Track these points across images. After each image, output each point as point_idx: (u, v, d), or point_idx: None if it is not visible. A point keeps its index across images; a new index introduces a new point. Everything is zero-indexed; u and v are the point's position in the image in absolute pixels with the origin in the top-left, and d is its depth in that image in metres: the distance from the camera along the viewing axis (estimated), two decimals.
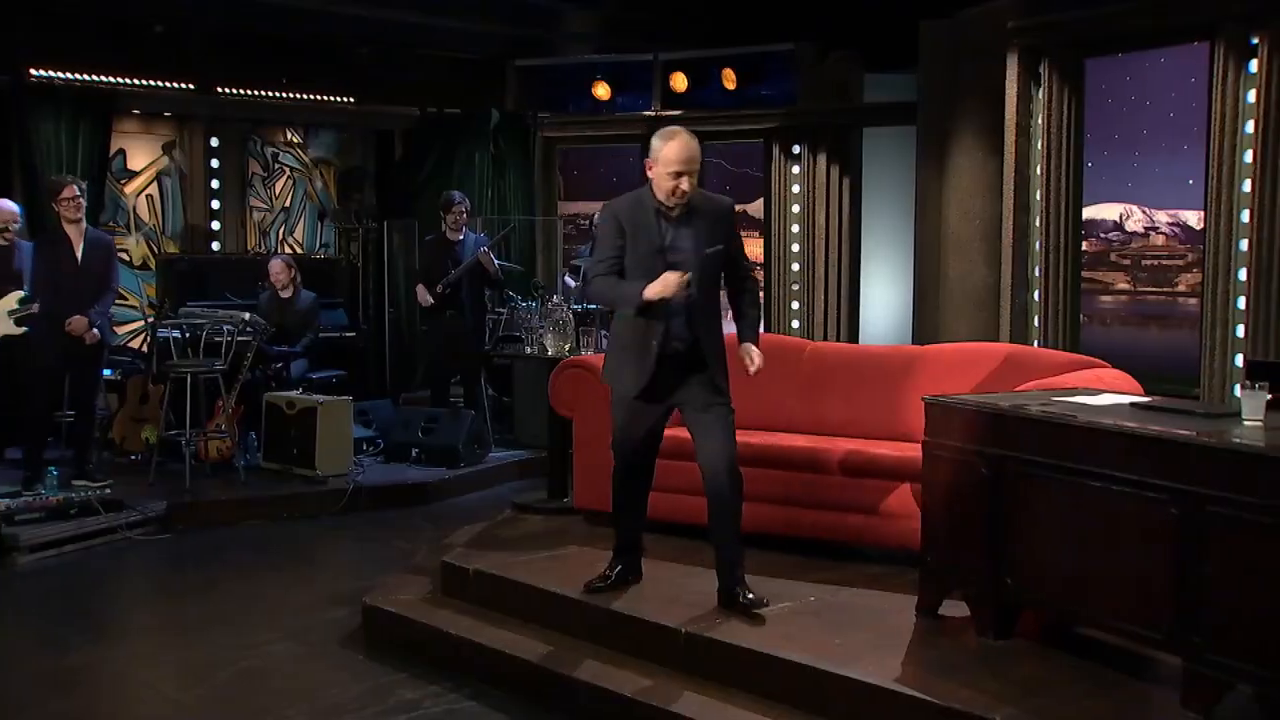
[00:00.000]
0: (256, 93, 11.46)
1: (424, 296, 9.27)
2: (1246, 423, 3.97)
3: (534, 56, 11.97)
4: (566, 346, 7.10)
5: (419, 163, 11.95)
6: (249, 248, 11.49)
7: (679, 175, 4.75)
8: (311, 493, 8.24)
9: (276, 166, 11.94)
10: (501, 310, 10.14)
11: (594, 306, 9.95)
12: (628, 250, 4.83)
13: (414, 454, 9.01)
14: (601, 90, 11.54)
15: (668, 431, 6.22)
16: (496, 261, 9.46)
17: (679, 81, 11.26)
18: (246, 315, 8.65)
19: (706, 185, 11.63)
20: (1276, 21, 7.10)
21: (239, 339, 8.49)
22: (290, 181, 12.03)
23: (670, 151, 4.75)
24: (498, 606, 5.40)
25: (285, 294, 9.30)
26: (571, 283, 10.83)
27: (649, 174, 4.82)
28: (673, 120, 11.21)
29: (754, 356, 4.95)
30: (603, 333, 9.92)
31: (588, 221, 11.25)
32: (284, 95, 11.60)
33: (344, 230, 11.99)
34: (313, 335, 9.36)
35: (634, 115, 11.50)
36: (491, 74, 12.02)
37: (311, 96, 11.73)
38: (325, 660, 5.40)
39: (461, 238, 9.39)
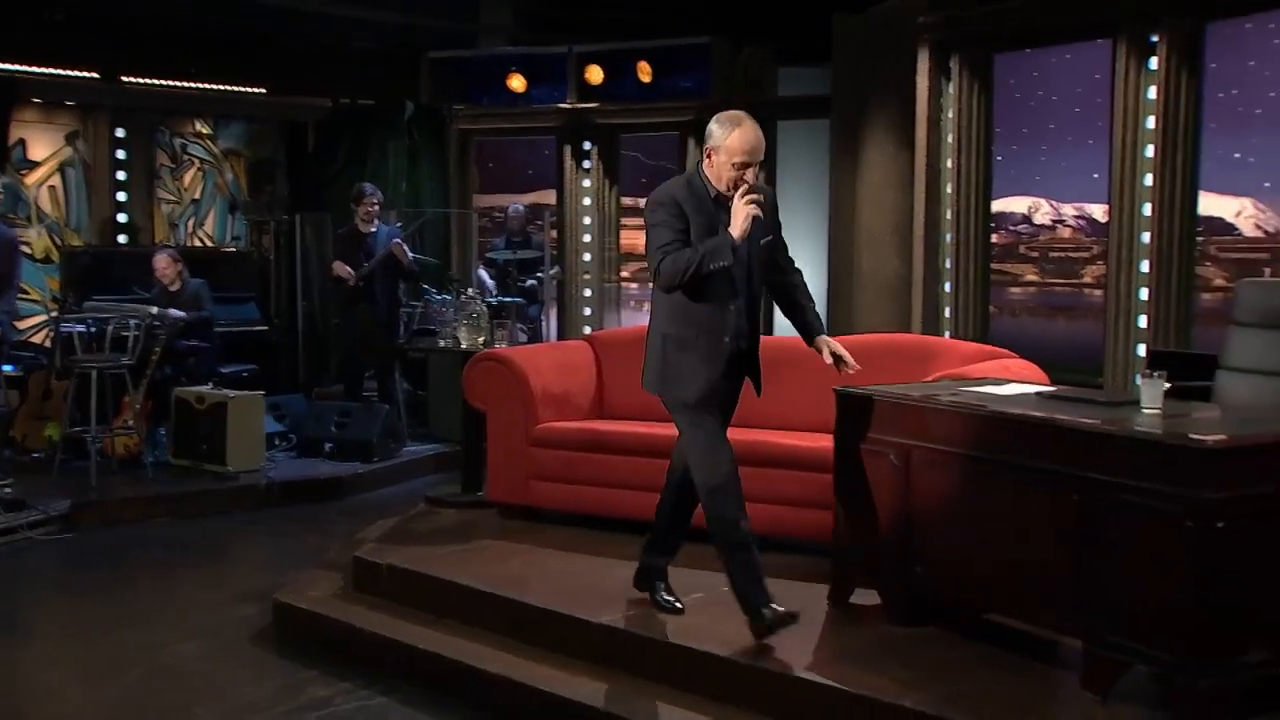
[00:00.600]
0: (164, 82, 11.25)
1: (341, 269, 9.15)
2: (1145, 411, 4.06)
3: (449, 48, 11.89)
4: (481, 339, 7.08)
5: (332, 154, 11.82)
6: (157, 240, 11.28)
7: (744, 166, 4.35)
8: (222, 489, 8.13)
9: (185, 158, 11.74)
10: (416, 303, 10.07)
11: (509, 299, 9.96)
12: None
13: (327, 448, 8.92)
14: (517, 82, 11.50)
15: (591, 425, 6.27)
16: (410, 254, 9.39)
17: (594, 74, 11.26)
18: (154, 309, 8.50)
19: (623, 180, 11.77)
20: (1175, 20, 7.28)
21: (147, 333, 8.33)
22: (200, 173, 11.84)
23: (736, 141, 4.33)
24: (411, 602, 5.37)
25: (173, 288, 9.12)
26: (486, 275, 10.80)
27: (707, 160, 4.42)
28: (588, 112, 11.30)
29: (838, 349, 4.65)
30: (519, 326, 9.94)
31: (503, 214, 11.21)
32: (193, 85, 11.40)
33: (255, 223, 11.82)
34: (207, 312, 9.13)
35: (549, 107, 11.48)
36: (406, 66, 11.92)
37: (221, 87, 11.55)
38: (235, 659, 5.33)
39: (374, 230, 9.30)
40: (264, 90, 11.69)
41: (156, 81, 11.20)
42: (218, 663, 5.27)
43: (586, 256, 11.65)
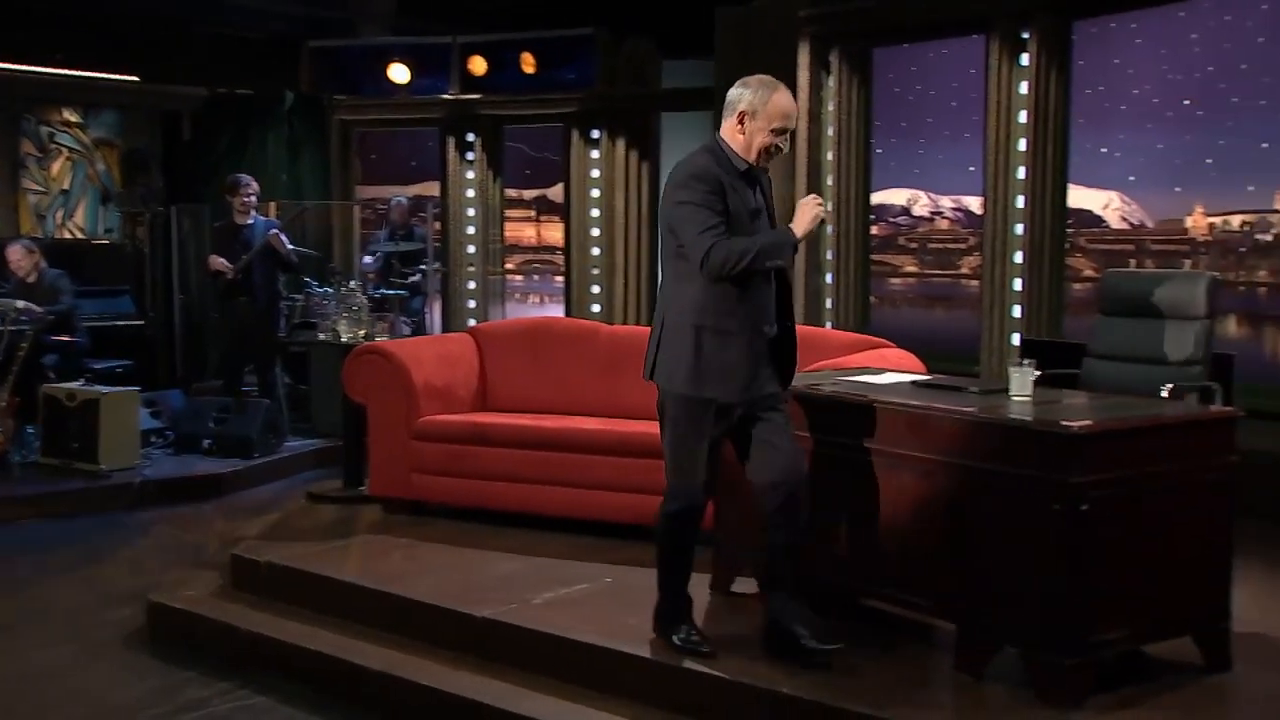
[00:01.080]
0: (28, 68, 10.89)
1: (218, 262, 8.95)
2: (1015, 398, 4.16)
3: (329, 37, 11.71)
4: (361, 332, 6.99)
5: (209, 145, 11.56)
6: (23, 232, 10.92)
7: (783, 133, 4.10)
8: (95, 488, 7.89)
9: (53, 147, 11.38)
10: (297, 296, 9.90)
11: (392, 292, 9.85)
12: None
13: (206, 445, 8.72)
14: (399, 73, 11.38)
15: (473, 417, 6.23)
16: (290, 245, 9.23)
17: (478, 65, 11.19)
18: (20, 303, 8.23)
19: (507, 172, 11.71)
20: (1045, 18, 7.47)
21: (12, 329, 8.07)
22: (69, 163, 11.49)
23: (777, 105, 4.05)
24: (291, 599, 5.28)
25: (30, 280, 8.83)
26: (370, 261, 10.66)
27: (737, 125, 4.09)
28: (472, 104, 11.22)
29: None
30: (402, 319, 9.83)
31: (385, 205, 11.08)
32: (60, 72, 11.05)
33: (129, 215, 11.51)
34: (65, 305, 8.85)
35: (432, 98, 11.39)
36: (285, 55, 11.72)
37: (91, 74, 11.21)
38: (108, 661, 5.19)
39: (251, 222, 9.11)
40: (137, 78, 11.38)
41: (20, 67, 10.84)
42: (89, 666, 5.13)
43: (471, 249, 11.59)
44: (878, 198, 8.78)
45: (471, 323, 10.66)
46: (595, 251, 11.08)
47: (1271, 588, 4.92)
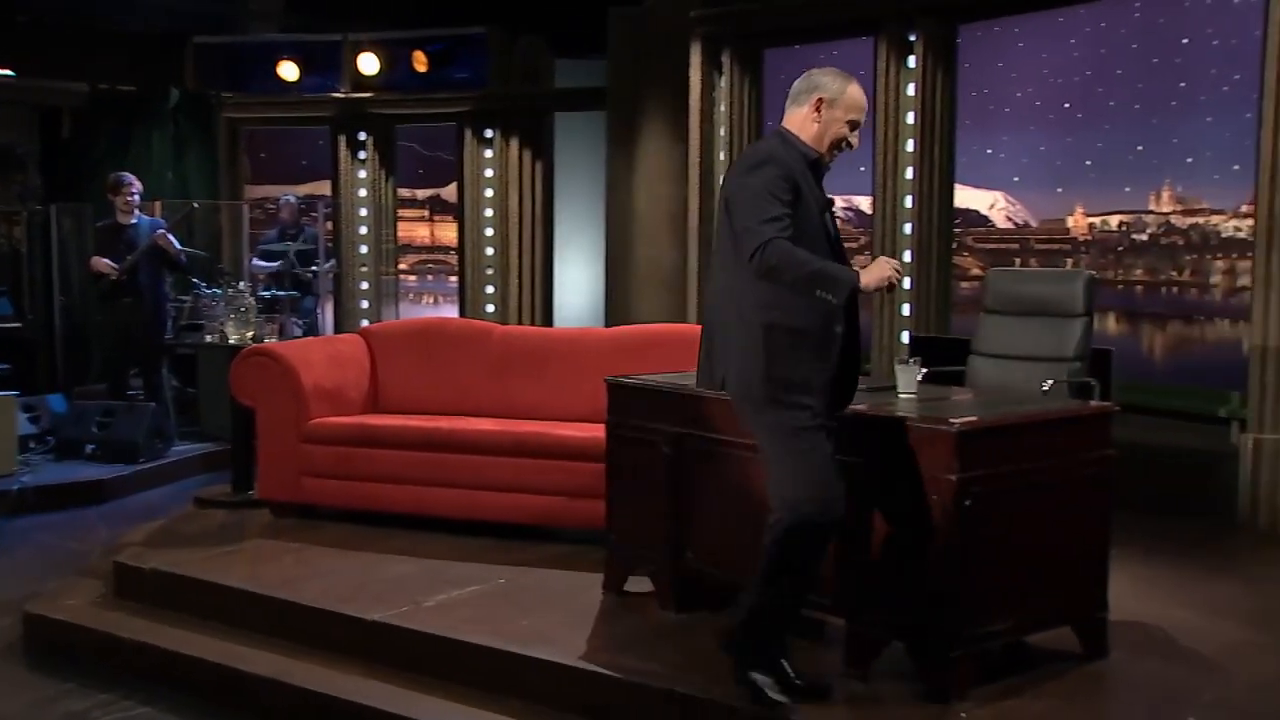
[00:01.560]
0: None
1: (100, 263, 8.71)
2: (901, 396, 4.22)
3: (215, 33, 11.47)
4: (250, 334, 6.86)
5: (91, 143, 11.24)
6: None
7: (856, 126, 3.84)
8: None
9: None
10: (185, 298, 9.68)
11: (284, 294, 9.69)
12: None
13: (89, 450, 8.50)
14: (288, 70, 11.18)
15: (364, 419, 6.15)
16: (178, 245, 9.02)
17: (368, 63, 11.05)
18: None
19: (400, 171, 11.57)
20: (931, 21, 7.59)
21: None
22: None
23: (854, 96, 3.78)
24: (176, 606, 5.16)
25: None
26: (261, 264, 10.47)
27: (814, 114, 3.77)
28: (363, 102, 11.08)
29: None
30: (294, 319, 9.67)
31: (275, 205, 10.89)
32: None
33: (4, 214, 11.15)
34: None
35: (323, 97, 11.23)
36: (170, 51, 11.44)
37: None
38: None
39: (135, 221, 8.88)
40: (12, 73, 11.03)
41: None
42: None
43: (363, 248, 11.45)
44: None
45: (365, 323, 10.54)
46: (489, 251, 11.02)
47: (1147, 577, 5.05)
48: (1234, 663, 4.02)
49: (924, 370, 4.37)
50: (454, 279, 11.34)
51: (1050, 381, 4.78)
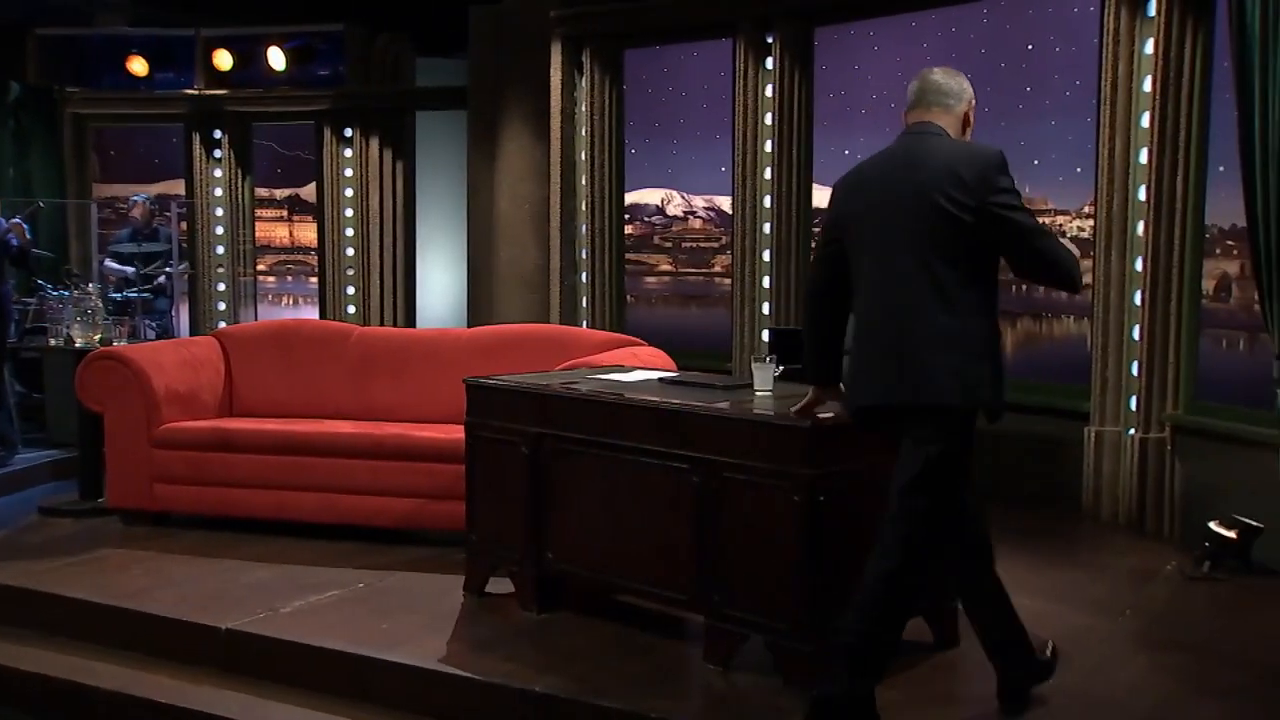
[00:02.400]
0: None
1: None
2: (758, 393, 4.27)
3: (59, 25, 11.08)
4: (97, 337, 6.65)
5: None
6: None
7: None
8: None
9: None
10: (29, 300, 9.34)
11: (133, 294, 9.42)
12: None
13: None
14: (138, 65, 10.85)
15: (218, 423, 6.02)
16: (29, 235, 8.67)
17: (223, 59, 10.80)
18: None
19: (257, 170, 11.30)
20: (788, 23, 7.70)
21: None
22: None
23: None
24: (19, 622, 4.96)
25: None
26: (113, 266, 10.16)
27: (970, 120, 3.75)
28: (218, 100, 10.81)
29: None
30: (147, 321, 9.40)
31: (125, 205, 10.58)
32: None
33: None
34: None
35: (175, 93, 10.94)
36: (9, 42, 11.01)
37: None
38: None
39: None
40: None
41: None
42: None
43: (220, 249, 11.18)
44: (632, 197, 8.88)
45: (222, 325, 10.30)
46: (350, 252, 10.86)
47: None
48: (1075, 648, 4.16)
49: (780, 368, 4.43)
50: (314, 280, 11.15)
51: None
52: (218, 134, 11.03)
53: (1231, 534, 5.17)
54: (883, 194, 3.55)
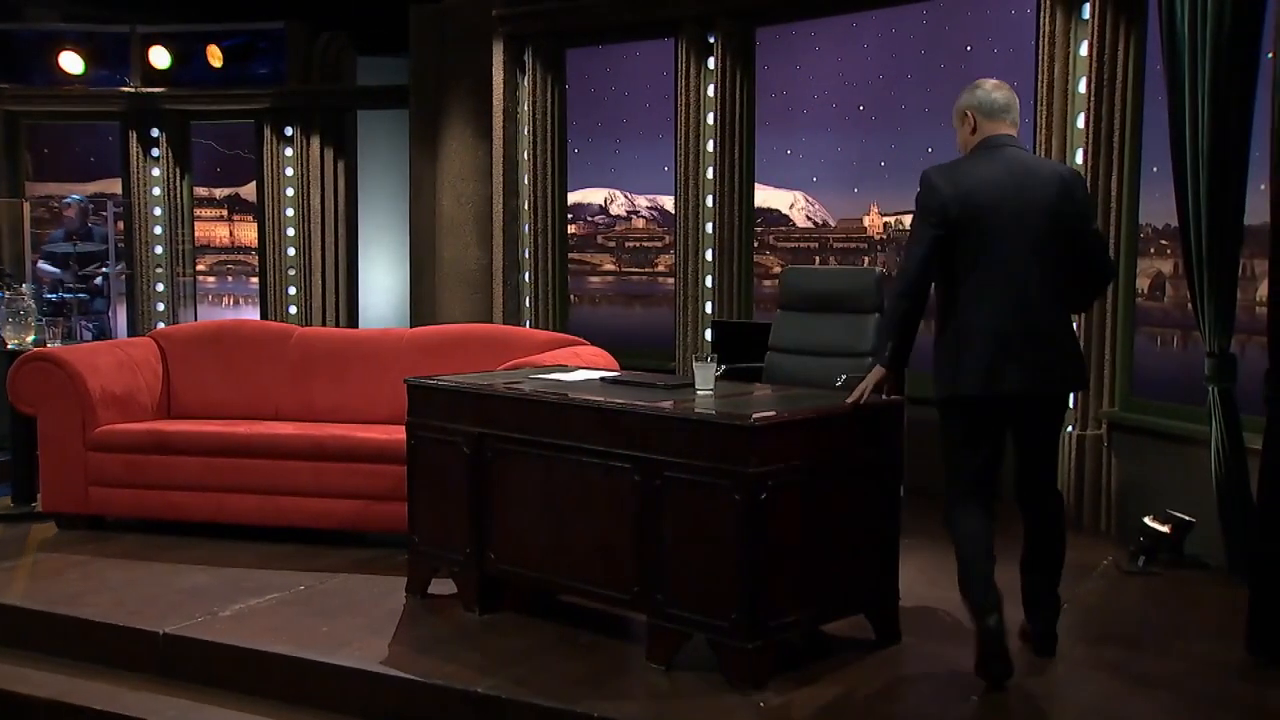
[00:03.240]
0: None
1: None
2: (699, 392, 4.29)
3: None
4: (29, 338, 6.55)
5: None
6: None
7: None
8: None
9: None
10: None
11: (70, 296, 9.31)
12: None
13: None
14: (71, 62, 10.69)
15: (155, 425, 5.95)
16: None
17: (160, 56, 10.67)
18: None
19: (196, 169, 11.14)
20: (728, 23, 7.73)
21: None
22: None
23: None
24: None
25: None
26: (47, 268, 10.03)
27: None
28: (155, 98, 10.68)
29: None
30: (84, 322, 9.29)
31: (60, 204, 10.43)
32: None
33: None
34: None
35: (111, 91, 10.78)
36: None
37: None
38: None
39: None
40: None
41: None
42: None
43: (158, 249, 11.05)
44: (575, 196, 8.88)
45: (161, 326, 10.18)
46: (291, 252, 10.77)
47: (936, 564, 5.23)
48: (1013, 641, 4.21)
49: (721, 367, 4.45)
50: (255, 281, 11.06)
51: (844, 376, 4.90)
52: (155, 132, 10.90)
53: (1166, 529, 5.26)
54: (1004, 196, 3.86)
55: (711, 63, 7.85)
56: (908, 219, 7.24)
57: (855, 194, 7.51)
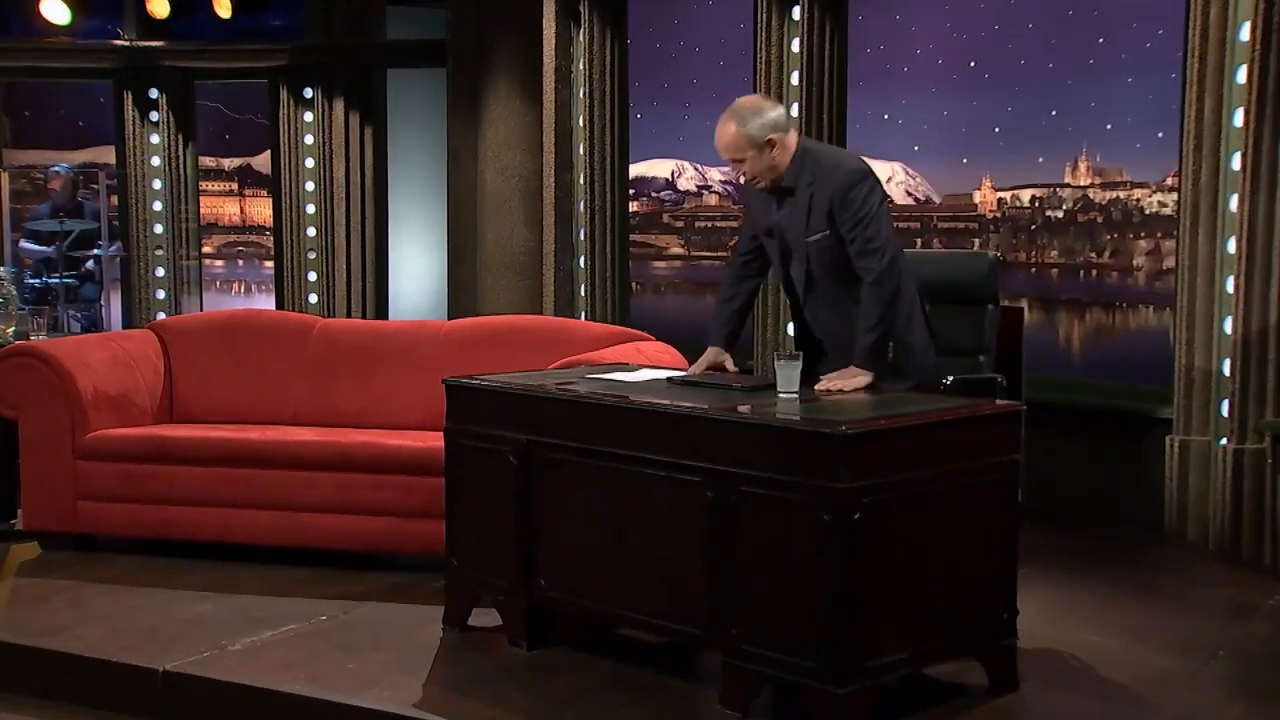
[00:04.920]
0: None
1: None
2: (781, 396, 4.30)
3: None
4: (10, 330, 6.69)
5: None
6: None
7: (731, 163, 4.82)
8: None
9: None
10: None
11: (55, 281, 9.48)
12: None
13: None
14: (55, 10, 10.82)
15: (156, 430, 6.04)
16: None
17: (159, 6, 10.80)
18: None
19: (202, 136, 11.26)
20: None
21: None
22: None
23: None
24: None
25: None
26: (30, 247, 10.20)
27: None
28: (154, 53, 10.82)
29: (837, 382, 4.43)
30: (72, 312, 9.45)
31: (43, 175, 10.62)
32: None
33: None
34: None
35: (102, 44, 10.94)
36: None
37: None
38: None
39: None
40: None
41: None
42: None
43: (159, 228, 11.20)
44: (638, 169, 8.91)
45: (161, 316, 10.34)
46: (311, 232, 10.89)
47: (1060, 599, 5.21)
48: (1157, 694, 4.18)
49: (949, 378, 4.49)
50: (269, 265, 11.19)
51: (950, 378, 4.89)
52: (154, 93, 11.05)
53: None
54: None
55: (796, 12, 7.82)
56: (1027, 194, 7.21)
57: (964, 165, 7.47)
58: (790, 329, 7.81)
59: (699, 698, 4.20)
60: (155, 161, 11.16)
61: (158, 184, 11.19)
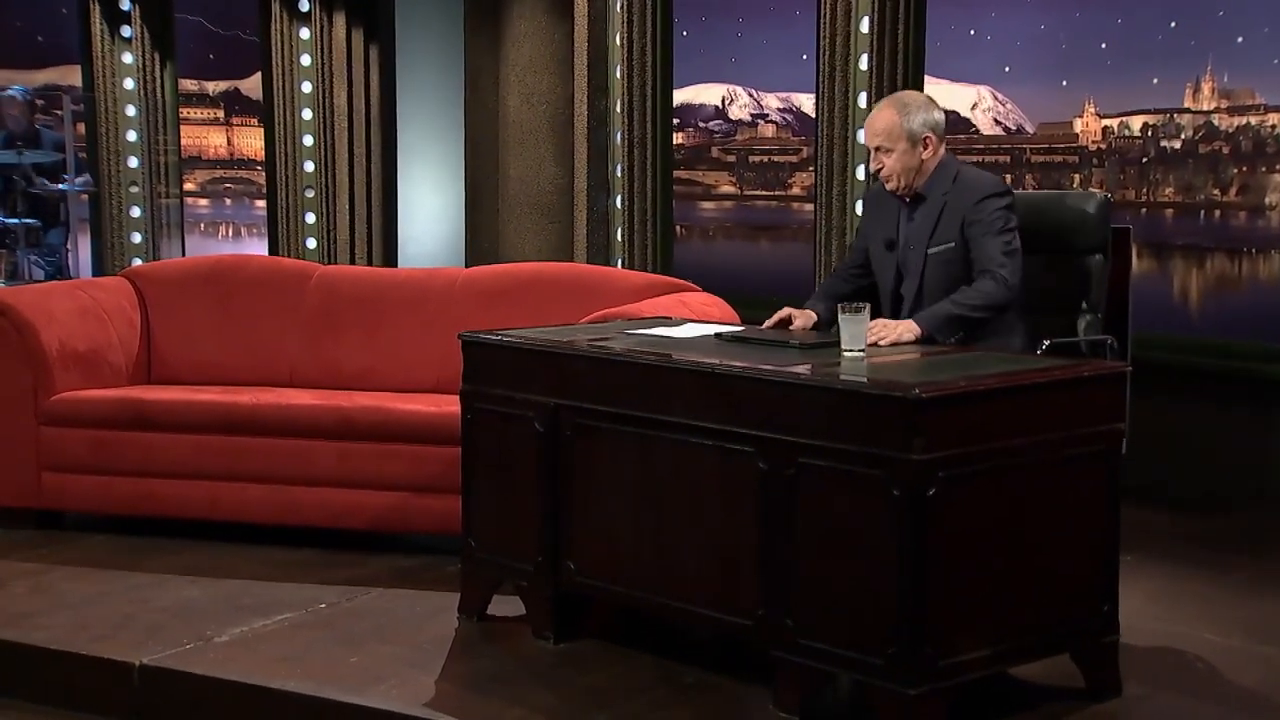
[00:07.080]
0: None
1: None
2: (845, 354, 4.31)
3: None
4: None
5: None
6: None
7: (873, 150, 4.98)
8: None
9: None
10: None
11: (16, 222, 9.57)
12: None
13: None
14: None
15: (131, 392, 6.10)
16: None
17: None
18: None
19: (182, 56, 11.29)
20: None
21: None
22: None
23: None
24: None
25: None
26: None
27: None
28: None
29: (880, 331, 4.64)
30: (33, 257, 9.52)
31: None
32: None
33: None
34: None
35: None
36: None
37: None
38: None
39: None
40: None
41: None
42: None
43: (133, 161, 11.26)
44: (683, 95, 8.91)
45: (137, 263, 10.42)
46: (309, 167, 10.91)
47: (1168, 589, 5.21)
48: None
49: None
50: (261, 204, 11.25)
51: (1047, 341, 4.88)
52: (126, 4, 11.08)
53: None
54: None
55: None
56: (1136, 121, 7.16)
57: (1064, 89, 7.43)
58: None
59: (749, 698, 4.23)
60: (128, 84, 11.18)
61: (131, 110, 11.21)
